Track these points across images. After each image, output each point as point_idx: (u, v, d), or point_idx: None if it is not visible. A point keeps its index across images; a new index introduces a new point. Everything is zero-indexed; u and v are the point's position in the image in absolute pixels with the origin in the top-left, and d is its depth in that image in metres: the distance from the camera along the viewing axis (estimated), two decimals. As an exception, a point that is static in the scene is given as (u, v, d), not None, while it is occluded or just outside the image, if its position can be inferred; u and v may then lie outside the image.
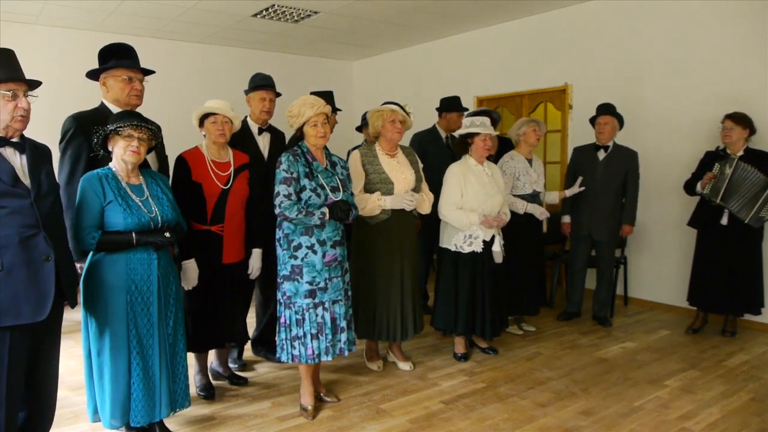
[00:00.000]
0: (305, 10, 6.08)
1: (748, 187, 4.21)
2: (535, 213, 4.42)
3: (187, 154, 3.29)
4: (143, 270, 2.67)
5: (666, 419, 3.17)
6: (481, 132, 3.89)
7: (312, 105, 3.10)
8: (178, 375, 2.84)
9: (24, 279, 2.18)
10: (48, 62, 6.36)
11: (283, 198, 3.04)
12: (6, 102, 2.18)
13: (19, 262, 2.17)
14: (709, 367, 3.95)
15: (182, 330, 2.90)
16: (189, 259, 3.19)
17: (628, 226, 4.81)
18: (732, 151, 4.37)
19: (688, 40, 5.10)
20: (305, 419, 3.18)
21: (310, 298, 3.12)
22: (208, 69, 7.57)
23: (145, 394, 2.69)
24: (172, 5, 5.82)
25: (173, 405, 2.81)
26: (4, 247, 2.14)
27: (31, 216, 2.21)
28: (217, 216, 3.27)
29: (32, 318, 2.20)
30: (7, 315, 2.14)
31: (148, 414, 2.71)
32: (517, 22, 6.55)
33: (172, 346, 2.80)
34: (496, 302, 4.02)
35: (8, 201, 2.16)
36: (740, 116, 4.32)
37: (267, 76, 3.86)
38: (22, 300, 2.17)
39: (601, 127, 4.77)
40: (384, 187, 3.65)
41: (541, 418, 3.19)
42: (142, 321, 2.67)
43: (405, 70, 8.12)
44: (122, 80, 3.06)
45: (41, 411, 2.47)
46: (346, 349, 3.26)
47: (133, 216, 2.61)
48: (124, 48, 3.14)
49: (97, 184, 2.61)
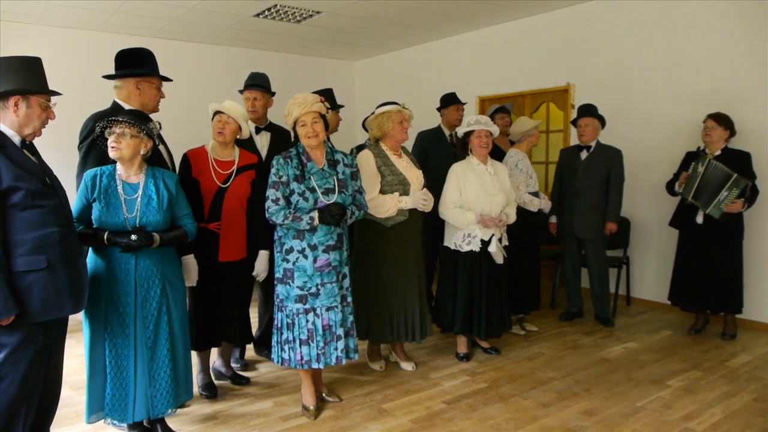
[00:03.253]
0: (307, 10, 6.08)
1: (716, 182, 4.26)
2: (545, 208, 4.50)
3: (191, 152, 3.33)
4: (120, 270, 2.67)
5: (668, 419, 3.16)
6: (475, 129, 3.89)
7: (300, 104, 3.04)
8: (158, 380, 2.76)
9: (65, 274, 2.31)
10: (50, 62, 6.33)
11: (270, 203, 3.02)
12: (42, 111, 2.34)
13: (61, 258, 2.30)
14: (712, 367, 3.94)
15: (167, 335, 2.78)
16: (188, 255, 3.18)
17: (611, 223, 4.84)
18: (710, 150, 4.42)
19: (690, 40, 5.09)
20: (307, 419, 3.17)
21: (300, 303, 3.08)
22: (210, 69, 7.57)
23: (117, 394, 2.70)
24: (174, 5, 5.82)
25: (151, 409, 2.74)
26: (48, 245, 2.26)
27: (63, 214, 2.36)
28: (214, 213, 3.28)
29: (73, 311, 2.37)
30: (52, 309, 2.28)
31: (119, 414, 2.71)
32: (519, 22, 6.55)
33: (151, 349, 2.73)
34: (495, 302, 4.01)
35: (46, 200, 2.28)
36: (722, 117, 4.37)
37: (258, 75, 3.86)
38: (65, 294, 2.31)
39: (582, 129, 4.82)
40: (402, 188, 3.63)
41: (544, 418, 3.19)
42: (116, 320, 2.67)
43: (407, 70, 8.12)
44: (156, 87, 3.20)
45: (47, 405, 2.51)
46: (344, 357, 3.17)
47: (108, 215, 2.64)
48: (152, 56, 3.23)
49: (89, 180, 2.68)
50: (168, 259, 2.85)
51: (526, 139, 4.50)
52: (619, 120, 5.61)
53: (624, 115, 5.59)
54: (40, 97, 2.32)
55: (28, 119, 2.30)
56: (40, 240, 2.23)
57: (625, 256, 5.43)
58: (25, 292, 2.20)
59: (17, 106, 2.26)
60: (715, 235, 4.37)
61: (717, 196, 4.23)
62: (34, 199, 2.22)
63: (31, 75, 2.30)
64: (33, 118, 2.31)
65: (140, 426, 2.85)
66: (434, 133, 5.13)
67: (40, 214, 2.24)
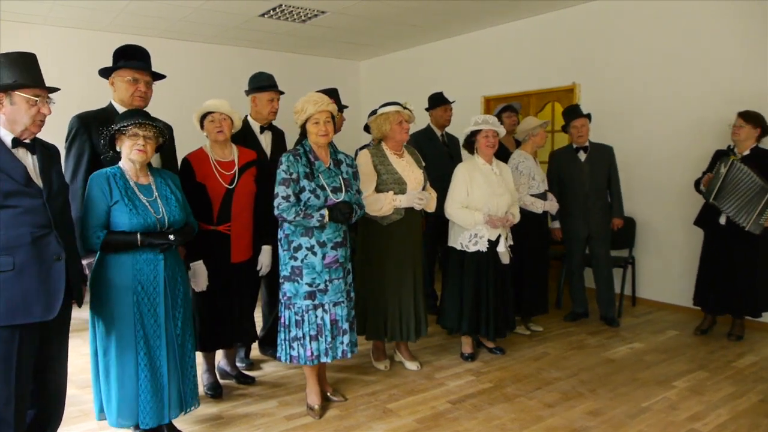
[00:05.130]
0: (312, 10, 6.08)
1: (743, 190, 4.12)
2: (552, 210, 4.48)
3: (191, 156, 3.30)
4: (149, 270, 2.66)
5: (674, 420, 3.15)
6: (482, 129, 3.88)
7: (315, 102, 3.08)
8: (188, 375, 2.83)
9: (35, 278, 2.21)
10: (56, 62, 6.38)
11: (281, 200, 3.03)
12: (29, 106, 2.24)
13: (31, 261, 2.20)
14: (718, 368, 3.93)
15: (190, 330, 2.89)
16: (197, 261, 3.20)
17: (618, 219, 4.85)
18: (739, 149, 4.29)
19: (695, 39, 5.07)
20: (312, 418, 3.18)
21: (309, 299, 3.11)
22: (215, 69, 7.59)
23: (153, 396, 2.68)
24: (180, 5, 5.84)
25: (183, 405, 2.80)
26: (17, 247, 2.17)
27: (44, 216, 2.24)
28: (224, 215, 3.28)
29: (42, 317, 2.23)
30: (18, 313, 2.17)
31: (157, 415, 2.70)
32: (524, 21, 6.54)
33: (182, 346, 2.79)
34: (501, 303, 4.01)
35: (21, 200, 2.19)
36: (751, 114, 4.22)
37: (270, 75, 3.87)
38: (33, 299, 2.20)
39: (579, 130, 4.79)
40: (398, 187, 3.63)
41: (549, 418, 3.18)
42: (149, 321, 2.67)
43: (412, 69, 8.12)
44: (127, 81, 3.08)
45: (50, 409, 2.48)
46: (348, 351, 3.22)
47: (138, 216, 2.60)
48: (133, 49, 3.15)
49: (104, 183, 2.60)
50: (180, 259, 2.89)
51: (530, 139, 4.48)
52: (624, 120, 5.60)
53: (629, 114, 5.58)
54: (24, 92, 2.23)
55: (14, 116, 2.22)
56: (8, 241, 2.15)
57: (631, 256, 5.41)
58: None
59: (1, 103, 2.21)
60: (738, 236, 4.24)
61: (754, 212, 4.08)
62: (6, 199, 2.15)
63: (17, 70, 2.22)
64: (19, 114, 2.22)
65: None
66: (425, 134, 5.14)
67: (12, 215, 2.16)
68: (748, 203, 4.11)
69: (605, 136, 5.32)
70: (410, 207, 3.67)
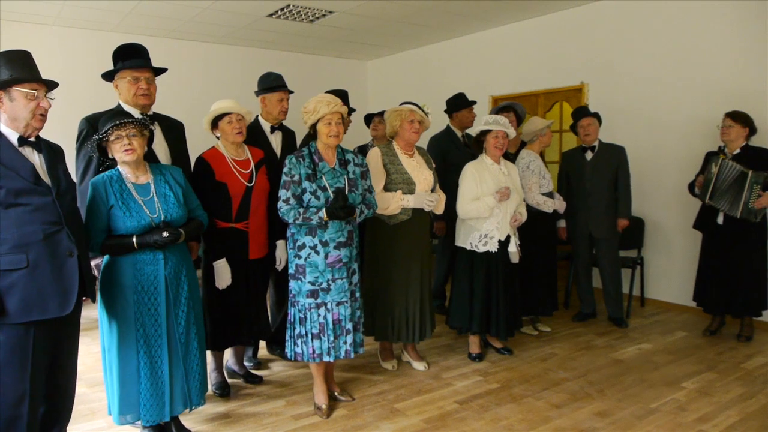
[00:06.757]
0: (320, 10, 6.09)
1: (730, 183, 4.19)
2: (560, 209, 4.47)
3: (207, 155, 3.30)
4: (150, 270, 2.67)
5: (683, 422, 3.13)
6: (492, 129, 3.88)
7: (328, 103, 3.09)
8: (192, 373, 2.84)
9: (49, 274, 2.24)
10: (65, 63, 6.44)
11: (282, 203, 3.07)
12: (28, 101, 2.25)
13: (44, 258, 2.23)
14: (727, 369, 3.90)
15: (196, 329, 2.88)
16: (220, 259, 3.23)
17: (623, 220, 4.83)
18: (730, 149, 4.35)
19: (705, 39, 5.04)
20: (319, 418, 3.18)
21: (312, 298, 3.13)
22: (223, 69, 7.62)
23: (153, 394, 2.70)
24: (188, 6, 5.87)
25: (187, 403, 2.81)
26: (30, 244, 2.20)
27: (54, 213, 2.27)
28: (242, 213, 3.31)
29: (57, 313, 2.27)
30: (34, 310, 2.21)
31: (157, 413, 2.72)
32: (532, 20, 6.52)
33: (185, 345, 2.79)
34: (510, 302, 4.00)
35: (31, 198, 2.22)
36: (739, 114, 4.29)
37: (279, 75, 3.88)
38: (48, 295, 2.23)
39: (586, 129, 4.78)
40: (406, 187, 3.63)
41: (556, 419, 3.17)
42: (149, 321, 2.68)
43: (419, 69, 8.11)
44: (128, 81, 3.11)
45: (60, 405, 2.51)
46: (352, 351, 3.22)
47: (132, 219, 2.61)
48: (131, 48, 3.16)
49: (101, 189, 2.62)
50: (187, 257, 2.89)
51: (538, 139, 4.47)
52: (633, 120, 5.57)
53: (638, 114, 5.56)
54: (22, 87, 2.24)
55: (15, 112, 2.24)
56: (21, 238, 2.18)
57: (639, 257, 5.39)
58: (6, 292, 2.16)
59: (1, 101, 2.23)
60: (737, 235, 4.28)
61: (741, 198, 4.14)
62: (17, 197, 2.17)
63: (12, 67, 2.23)
64: (19, 109, 2.24)
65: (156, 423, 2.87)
66: (448, 137, 5.07)
67: (23, 213, 2.19)
68: (738, 193, 4.17)
69: (614, 136, 5.30)
70: (418, 208, 3.67)
